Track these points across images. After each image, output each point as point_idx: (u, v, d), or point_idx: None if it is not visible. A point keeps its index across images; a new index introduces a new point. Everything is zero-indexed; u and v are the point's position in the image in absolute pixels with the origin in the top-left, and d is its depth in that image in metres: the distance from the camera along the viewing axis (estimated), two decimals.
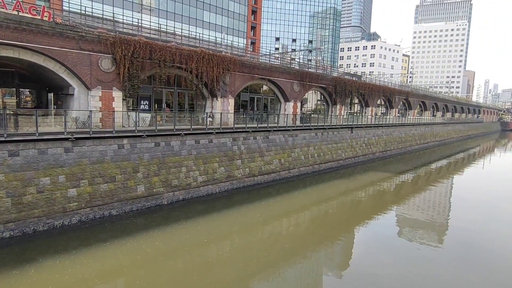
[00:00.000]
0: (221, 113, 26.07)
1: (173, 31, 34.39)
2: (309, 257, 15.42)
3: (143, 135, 19.89)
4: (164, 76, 24.16)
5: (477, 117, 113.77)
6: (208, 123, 25.10)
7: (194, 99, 28.18)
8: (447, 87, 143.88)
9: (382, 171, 37.13)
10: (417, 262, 15.33)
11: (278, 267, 14.02)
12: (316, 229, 19.17)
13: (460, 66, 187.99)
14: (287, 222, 20.16)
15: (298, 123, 34.14)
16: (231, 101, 28.92)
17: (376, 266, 14.62)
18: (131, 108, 24.03)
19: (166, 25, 45.56)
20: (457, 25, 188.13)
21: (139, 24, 26.62)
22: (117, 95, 21.88)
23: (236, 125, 26.48)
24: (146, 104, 25.06)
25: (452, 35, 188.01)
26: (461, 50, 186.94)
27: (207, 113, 26.26)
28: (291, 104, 35.37)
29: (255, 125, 28.02)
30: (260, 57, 39.01)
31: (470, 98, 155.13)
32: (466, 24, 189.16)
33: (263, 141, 27.79)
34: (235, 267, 13.74)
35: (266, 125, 28.95)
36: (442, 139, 68.73)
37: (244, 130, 26.30)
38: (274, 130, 29.07)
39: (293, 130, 31.27)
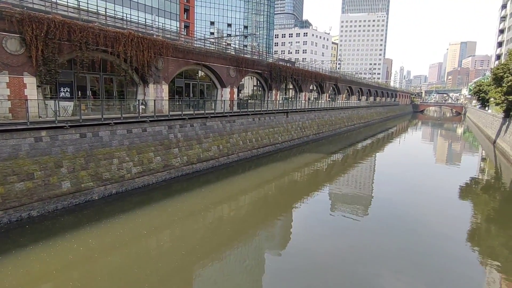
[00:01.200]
0: (154, 100, 24.81)
1: (95, 10, 31.24)
2: (251, 239, 15.91)
3: (65, 126, 18.00)
4: (87, 60, 21.94)
5: (394, 100, 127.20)
6: (140, 111, 23.70)
7: (124, 85, 26.27)
8: (370, 73, 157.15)
9: (316, 152, 39.55)
10: (348, 233, 16.89)
11: (221, 251, 14.21)
12: (257, 211, 19.77)
13: (380, 55, 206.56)
14: (228, 207, 20.41)
15: (235, 109, 34.25)
16: (165, 88, 27.69)
17: (314, 241, 15.72)
18: (48, 96, 21.44)
19: (88, 3, 41.19)
20: (377, 17, 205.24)
21: (53, 0, 23.49)
22: (30, 81, 19.27)
23: (171, 113, 25.52)
24: (67, 91, 22.58)
25: (373, 25, 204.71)
26: (381, 40, 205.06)
27: (139, 100, 24.75)
28: (228, 90, 35.23)
29: (192, 112, 27.37)
30: (195, 42, 37.81)
31: (389, 84, 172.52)
32: (384, 16, 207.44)
33: (200, 128, 27.34)
34: (178, 256, 13.55)
35: (203, 111, 28.46)
36: (366, 121, 75.49)
37: (180, 117, 25.51)
38: (211, 117, 28.76)
39: (230, 116, 31.31)
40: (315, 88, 59.87)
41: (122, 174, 19.94)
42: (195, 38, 41.07)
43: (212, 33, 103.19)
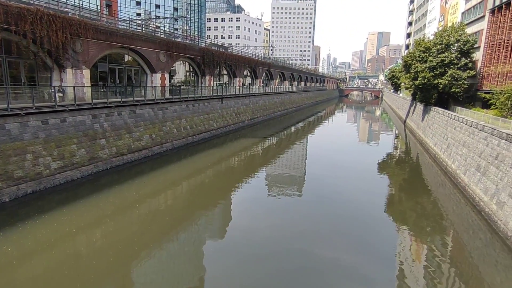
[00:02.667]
0: (74, 87, 22.41)
1: None
2: (190, 227, 15.79)
3: None
4: None
5: (323, 85, 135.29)
6: (57, 99, 21.25)
7: (35, 70, 23.18)
8: (300, 59, 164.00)
9: (251, 137, 40.36)
10: (285, 211, 17.83)
11: (160, 242, 13.86)
12: (195, 199, 19.60)
13: (309, 42, 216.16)
14: (165, 197, 19.83)
15: (167, 95, 32.85)
16: (86, 73, 25.19)
17: (253, 222, 16.27)
18: None
19: None
20: (306, 5, 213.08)
21: None
22: None
23: (95, 101, 23.38)
24: None
25: (302, 13, 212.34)
26: (310, 28, 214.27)
27: (54, 87, 22.09)
28: (158, 75, 33.52)
29: (119, 100, 25.48)
30: (119, 23, 34.84)
31: (317, 70, 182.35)
32: (312, 4, 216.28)
33: (130, 117, 25.70)
34: (113, 252, 12.81)
35: (132, 99, 26.68)
36: (298, 105, 79.13)
37: (106, 105, 23.60)
38: (141, 104, 27.19)
39: (162, 103, 30.00)
40: (248, 73, 60.41)
41: (38, 171, 17.86)
42: (119, 19, 37.84)
43: (138, 14, 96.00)
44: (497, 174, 16.84)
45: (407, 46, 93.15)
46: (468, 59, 34.61)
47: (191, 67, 42.39)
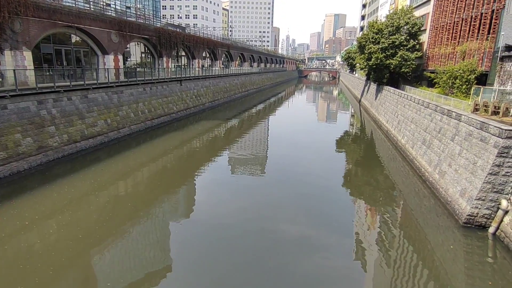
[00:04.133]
0: (14, 70, 20.42)
1: None
2: (155, 212, 15.55)
3: None
4: None
5: (282, 66, 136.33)
6: None
7: None
8: (260, 41, 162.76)
9: (213, 119, 39.99)
10: (249, 192, 18.20)
11: (124, 229, 13.56)
12: (158, 184, 19.25)
13: (268, 23, 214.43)
14: (125, 183, 19.22)
15: (122, 78, 31.19)
16: (28, 55, 23.02)
17: (218, 204, 16.43)
18: None
19: None
20: None
21: None
22: None
23: (40, 85, 21.55)
24: None
25: None
26: (269, 8, 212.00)
27: None
28: (111, 57, 31.56)
29: (68, 84, 23.73)
30: (64, 0, 31.90)
31: (277, 51, 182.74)
32: None
33: (81, 101, 24.16)
34: (73, 243, 12.26)
35: (83, 82, 24.97)
36: (259, 86, 79.31)
37: (54, 90, 21.90)
38: (94, 88, 25.60)
39: (117, 86, 28.48)
40: (208, 55, 58.99)
41: None
42: None
43: None
44: (439, 146, 18.49)
45: (362, 28, 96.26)
46: (416, 41, 36.74)
47: (146, 48, 40.40)
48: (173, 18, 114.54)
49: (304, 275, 10.70)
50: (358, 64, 53.74)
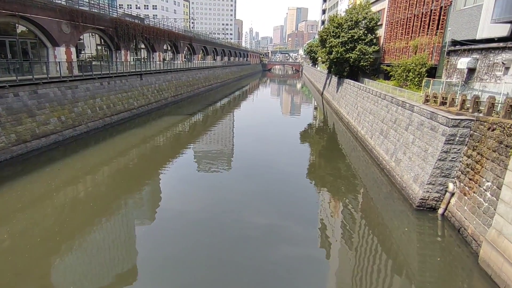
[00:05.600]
0: None
1: None
2: (118, 213, 14.98)
3: None
4: None
5: (246, 60, 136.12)
6: None
7: None
8: (223, 33, 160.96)
9: (176, 114, 39.10)
10: (215, 187, 18.07)
11: (86, 231, 12.90)
12: (120, 183, 18.52)
13: (231, 15, 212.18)
14: (85, 183, 18.25)
15: (76, 72, 29.36)
16: None
17: (184, 200, 16.19)
18: None
19: None
20: None
21: None
22: None
23: None
24: None
25: None
26: (231, 0, 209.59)
27: None
28: (62, 49, 29.53)
29: (14, 78, 21.91)
30: None
31: (241, 44, 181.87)
32: None
33: (30, 98, 22.45)
34: (30, 247, 11.47)
35: (31, 77, 23.16)
36: (223, 80, 78.63)
37: None
38: (45, 83, 23.87)
39: (71, 81, 26.80)
40: (169, 48, 57.28)
41: None
42: None
43: None
44: (395, 136, 19.63)
45: (323, 22, 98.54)
46: (373, 35, 38.39)
47: (102, 41, 38.32)
48: (130, 8, 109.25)
49: (272, 266, 10.95)
50: (320, 58, 55.11)
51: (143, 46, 47.76)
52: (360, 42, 37.41)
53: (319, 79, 74.79)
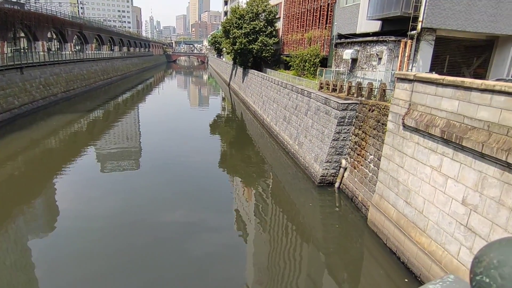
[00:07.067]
0: None
1: None
2: (9, 228, 12.64)
3: None
4: None
5: (148, 51, 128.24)
6: None
7: None
8: (119, 21, 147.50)
9: (70, 112, 34.70)
10: (125, 187, 16.84)
11: None
12: (8, 196, 15.61)
13: (128, 1, 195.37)
14: None
15: None
16: None
17: (87, 207, 14.60)
18: None
19: None
20: None
21: None
22: None
23: None
24: None
25: None
26: None
27: None
28: None
29: None
30: None
31: (141, 33, 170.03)
32: None
33: None
34: None
35: None
36: (123, 73, 72.64)
37: None
38: None
39: None
40: (54, 36, 49.91)
41: None
42: None
43: None
44: (297, 121, 21.44)
45: (226, 13, 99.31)
46: (273, 27, 40.56)
47: None
48: None
49: (194, 259, 10.94)
50: (224, 49, 55.65)
51: (23, 34, 40.48)
52: (261, 34, 39.12)
53: (225, 70, 75.60)
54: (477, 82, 8.40)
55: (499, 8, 17.03)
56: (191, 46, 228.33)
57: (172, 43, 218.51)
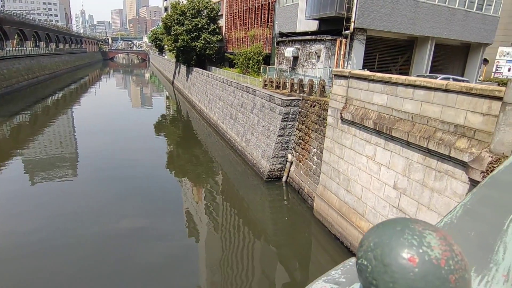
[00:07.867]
0: None
1: None
2: None
3: None
4: None
5: (81, 47, 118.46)
6: None
7: None
8: (45, 14, 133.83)
9: None
10: (60, 199, 15.39)
11: None
12: None
13: None
14: None
15: None
16: None
17: (17, 223, 13.09)
18: None
19: None
20: None
21: None
22: None
23: None
24: None
25: None
26: None
27: None
28: None
29: None
30: None
31: (71, 28, 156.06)
32: None
33: None
34: None
35: None
36: (52, 71, 66.17)
37: None
38: None
39: None
40: None
41: None
42: None
43: None
44: (243, 119, 21.63)
45: (166, 9, 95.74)
46: (216, 25, 40.18)
47: None
48: None
49: (145, 266, 10.47)
50: (166, 46, 53.68)
51: None
52: (204, 31, 38.53)
53: (168, 68, 73.10)
54: (402, 78, 9.33)
55: (416, 12, 19.08)
56: (130, 42, 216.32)
57: (108, 39, 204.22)
